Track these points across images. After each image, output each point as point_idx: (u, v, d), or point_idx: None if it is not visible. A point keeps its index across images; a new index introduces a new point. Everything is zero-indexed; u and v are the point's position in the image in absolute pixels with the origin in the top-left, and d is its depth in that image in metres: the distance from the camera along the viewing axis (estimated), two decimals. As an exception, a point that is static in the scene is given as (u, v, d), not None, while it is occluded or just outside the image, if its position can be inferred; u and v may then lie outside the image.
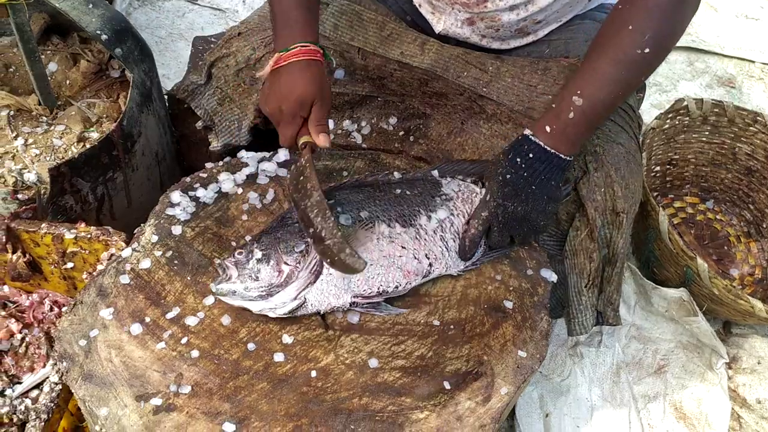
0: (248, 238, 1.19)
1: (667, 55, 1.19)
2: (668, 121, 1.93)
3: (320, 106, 1.17)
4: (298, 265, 1.09)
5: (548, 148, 1.16)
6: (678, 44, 1.23)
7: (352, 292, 1.10)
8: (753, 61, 2.66)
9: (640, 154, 1.38)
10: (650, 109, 2.37)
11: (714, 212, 2.06)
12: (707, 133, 1.99)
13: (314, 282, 1.08)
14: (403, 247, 1.14)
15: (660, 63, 1.19)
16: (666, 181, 2.07)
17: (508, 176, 1.15)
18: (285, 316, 1.08)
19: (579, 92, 1.14)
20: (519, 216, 1.16)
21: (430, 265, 1.15)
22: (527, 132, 1.17)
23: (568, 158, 1.17)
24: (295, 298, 1.07)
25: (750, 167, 1.98)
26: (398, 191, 1.21)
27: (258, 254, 1.09)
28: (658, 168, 2.02)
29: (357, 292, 1.10)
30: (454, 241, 1.18)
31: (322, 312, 1.10)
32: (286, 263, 1.08)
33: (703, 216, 2.05)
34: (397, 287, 1.12)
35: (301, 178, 1.14)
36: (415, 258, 1.14)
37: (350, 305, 1.10)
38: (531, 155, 1.16)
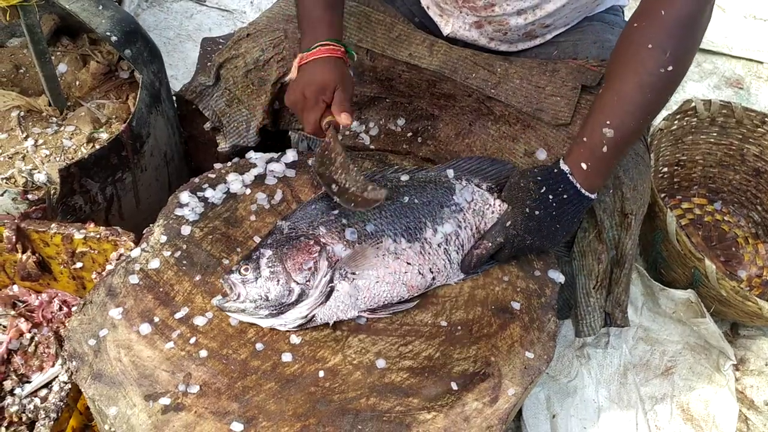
0: (253, 246, 1.17)
1: (688, 69, 1.16)
2: (676, 122, 1.93)
3: (341, 91, 1.18)
4: (308, 282, 1.08)
5: (583, 191, 1.15)
6: (686, 45, 1.21)
7: (359, 308, 1.10)
8: (761, 62, 2.65)
9: (648, 155, 1.38)
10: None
11: (722, 213, 2.05)
12: (715, 134, 1.98)
13: (325, 302, 1.08)
14: (408, 263, 1.14)
15: (682, 79, 1.16)
16: (674, 182, 2.06)
17: (537, 212, 1.14)
18: (293, 330, 1.09)
19: (608, 122, 1.11)
20: (533, 247, 1.18)
21: (434, 278, 1.16)
22: (564, 168, 1.15)
23: (593, 198, 1.16)
24: (306, 316, 1.08)
25: (758, 168, 1.97)
26: (406, 199, 1.20)
27: (266, 272, 1.08)
28: (665, 169, 2.02)
29: (363, 307, 1.11)
30: (457, 253, 1.18)
31: (330, 324, 1.10)
32: (296, 282, 1.08)
33: (710, 217, 2.05)
34: (400, 300, 1.13)
35: (326, 152, 1.17)
36: (420, 273, 1.14)
37: (358, 317, 1.11)
38: (565, 196, 1.14)
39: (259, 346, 1.07)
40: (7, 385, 1.29)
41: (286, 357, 1.06)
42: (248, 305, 1.07)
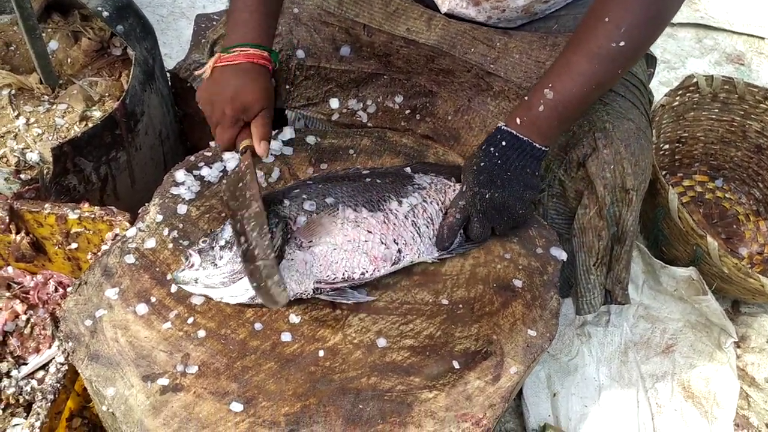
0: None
1: (646, 50, 1.17)
2: (678, 98, 1.91)
3: (265, 114, 1.16)
4: None
5: (521, 136, 1.15)
6: (686, 21, 1.21)
7: (315, 277, 1.06)
8: (763, 38, 2.63)
9: (650, 130, 1.36)
10: (658, 86, 2.34)
11: (723, 190, 2.04)
12: (717, 110, 1.96)
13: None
14: (369, 232, 1.11)
15: (639, 57, 1.17)
16: (675, 159, 2.05)
17: (482, 164, 1.14)
18: (248, 302, 1.05)
19: (551, 85, 1.12)
20: (497, 204, 1.15)
21: (400, 251, 1.12)
22: (500, 124, 1.17)
23: (543, 148, 1.16)
24: None
25: (760, 145, 1.95)
26: (368, 180, 1.18)
27: (221, 241, 1.06)
28: (667, 146, 2.00)
29: (319, 277, 1.06)
30: (428, 227, 1.16)
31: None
32: None
33: (712, 194, 2.03)
34: (363, 274, 1.09)
35: (240, 185, 1.10)
36: (383, 243, 1.11)
37: (314, 291, 1.07)
38: (504, 143, 1.15)
39: (257, 325, 1.05)
40: (3, 367, 1.28)
41: (286, 336, 1.04)
42: (201, 273, 1.04)
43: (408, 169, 1.25)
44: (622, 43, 1.09)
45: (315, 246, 1.07)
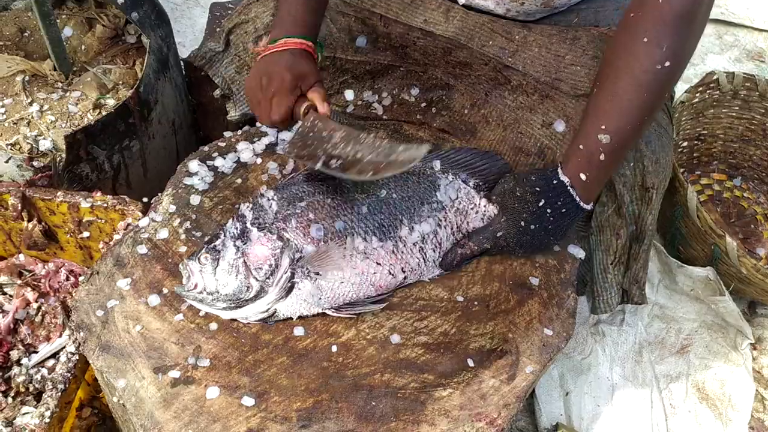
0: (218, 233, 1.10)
1: (687, 65, 1.09)
2: (698, 95, 1.88)
3: (320, 86, 1.16)
4: (267, 279, 1.02)
5: (581, 204, 1.10)
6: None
7: (321, 306, 1.04)
8: (784, 35, 2.58)
9: (671, 127, 1.34)
10: (678, 83, 2.30)
11: (741, 189, 2.01)
12: (737, 108, 1.93)
13: (285, 297, 1.03)
14: (378, 264, 1.07)
15: (680, 76, 1.09)
16: (693, 157, 2.02)
17: (532, 227, 1.09)
18: (257, 322, 1.04)
19: (603, 127, 1.05)
20: (519, 255, 1.14)
21: (405, 278, 1.10)
22: (564, 179, 1.09)
23: (589, 209, 1.12)
24: (266, 311, 1.03)
25: (780, 144, 1.92)
26: (383, 193, 1.12)
27: (225, 265, 1.03)
28: (685, 143, 1.97)
29: (327, 306, 1.05)
30: (434, 251, 1.12)
31: (294, 318, 1.05)
32: (255, 278, 1.02)
33: (730, 193, 2.00)
34: (367, 298, 1.08)
35: (311, 134, 1.10)
36: (390, 273, 1.08)
37: (322, 313, 1.06)
38: (564, 210, 1.09)
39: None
40: (14, 355, 1.27)
41: (299, 331, 1.03)
42: (205, 296, 1.02)
43: (437, 163, 1.18)
44: (666, 64, 1.01)
45: (322, 279, 1.04)
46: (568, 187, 1.09)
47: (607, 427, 1.53)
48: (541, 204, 1.09)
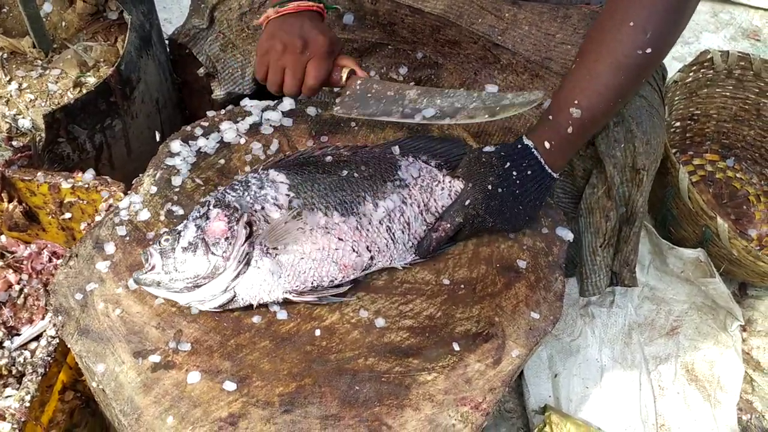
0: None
1: (667, 54, 1.10)
2: (691, 74, 1.86)
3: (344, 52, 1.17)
4: (225, 254, 0.99)
5: (546, 168, 1.09)
6: (703, -6, 1.14)
7: (283, 287, 1.01)
8: (780, 13, 2.56)
9: (663, 107, 1.32)
10: (671, 61, 2.28)
11: (734, 170, 1.99)
12: (731, 87, 1.91)
13: (245, 272, 1.00)
14: (340, 239, 1.04)
15: (660, 62, 1.11)
16: (686, 137, 2.00)
17: (499, 190, 1.08)
18: (215, 310, 1.01)
19: (577, 102, 1.06)
20: (493, 230, 1.11)
21: (372, 258, 1.06)
22: (528, 142, 1.09)
23: (557, 178, 1.11)
24: (225, 291, 0.99)
25: (774, 124, 1.91)
26: (345, 172, 1.10)
27: (183, 243, 1.00)
28: (678, 123, 1.95)
29: (288, 287, 1.01)
30: (403, 233, 1.09)
31: (254, 306, 1.01)
32: (213, 253, 0.99)
33: (722, 174, 1.99)
34: (332, 281, 1.04)
35: (369, 94, 1.10)
36: (354, 251, 1.04)
37: (284, 300, 1.02)
38: (529, 172, 1.09)
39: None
40: (-4, 337, 1.26)
41: (282, 315, 1.02)
42: (163, 277, 0.99)
43: (396, 149, 1.17)
44: (648, 50, 1.02)
45: (282, 254, 1.01)
46: (533, 149, 1.09)
47: (596, 409, 1.53)
48: (506, 166, 1.08)
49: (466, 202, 1.09)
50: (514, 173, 1.08)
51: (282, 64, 1.14)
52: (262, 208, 1.04)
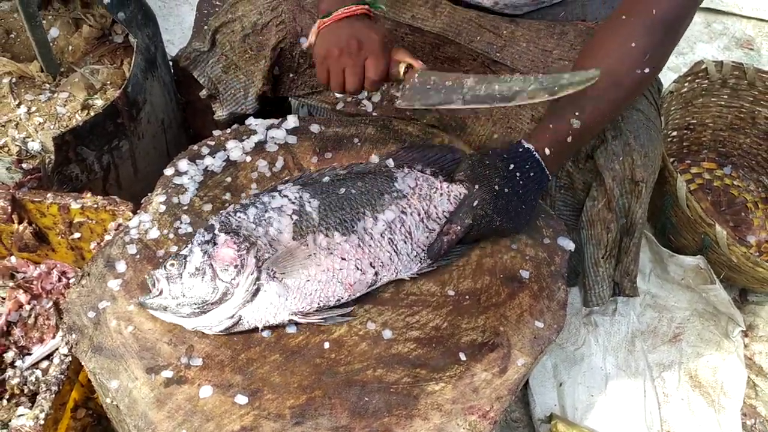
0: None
1: (662, 70, 1.18)
2: (686, 84, 1.88)
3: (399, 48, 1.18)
4: (233, 281, 1.01)
5: (547, 171, 1.14)
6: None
7: (289, 310, 1.03)
8: (772, 22, 2.59)
9: (659, 120, 1.34)
10: (667, 72, 2.30)
11: (731, 178, 2.02)
12: (726, 96, 1.93)
13: (251, 300, 1.01)
14: (343, 259, 1.05)
15: (655, 79, 1.20)
16: (683, 147, 2.03)
17: (506, 190, 1.11)
18: (221, 333, 1.02)
19: (577, 113, 1.11)
20: (501, 230, 1.14)
21: (376, 274, 1.07)
22: (529, 146, 1.14)
23: (550, 179, 1.17)
24: (231, 317, 1.01)
25: (769, 131, 1.93)
26: (342, 190, 1.12)
27: (190, 268, 1.02)
28: (675, 133, 1.98)
29: (294, 309, 1.03)
30: (405, 243, 1.10)
31: (260, 329, 1.03)
32: (221, 279, 1.01)
33: (720, 182, 2.01)
34: (338, 300, 1.05)
35: (429, 86, 1.11)
36: (358, 269, 1.06)
37: (289, 322, 1.04)
38: (532, 174, 1.13)
39: (262, 317, 1.04)
40: (8, 357, 1.27)
41: (291, 328, 1.03)
42: (170, 302, 1.00)
43: (391, 162, 1.19)
44: (647, 70, 1.09)
45: (287, 278, 1.03)
46: (534, 152, 1.13)
47: (601, 416, 1.54)
48: (510, 168, 1.12)
49: (475, 203, 1.11)
50: (518, 174, 1.12)
51: (341, 65, 1.15)
52: (267, 232, 1.06)
